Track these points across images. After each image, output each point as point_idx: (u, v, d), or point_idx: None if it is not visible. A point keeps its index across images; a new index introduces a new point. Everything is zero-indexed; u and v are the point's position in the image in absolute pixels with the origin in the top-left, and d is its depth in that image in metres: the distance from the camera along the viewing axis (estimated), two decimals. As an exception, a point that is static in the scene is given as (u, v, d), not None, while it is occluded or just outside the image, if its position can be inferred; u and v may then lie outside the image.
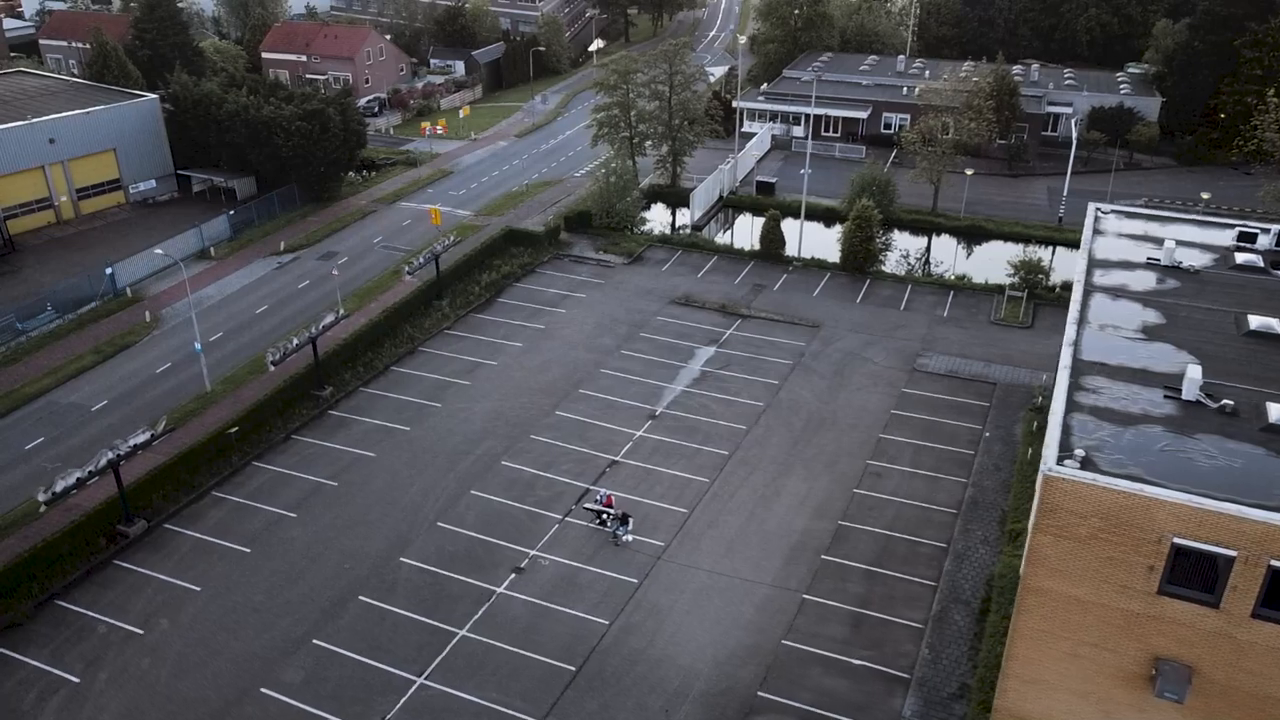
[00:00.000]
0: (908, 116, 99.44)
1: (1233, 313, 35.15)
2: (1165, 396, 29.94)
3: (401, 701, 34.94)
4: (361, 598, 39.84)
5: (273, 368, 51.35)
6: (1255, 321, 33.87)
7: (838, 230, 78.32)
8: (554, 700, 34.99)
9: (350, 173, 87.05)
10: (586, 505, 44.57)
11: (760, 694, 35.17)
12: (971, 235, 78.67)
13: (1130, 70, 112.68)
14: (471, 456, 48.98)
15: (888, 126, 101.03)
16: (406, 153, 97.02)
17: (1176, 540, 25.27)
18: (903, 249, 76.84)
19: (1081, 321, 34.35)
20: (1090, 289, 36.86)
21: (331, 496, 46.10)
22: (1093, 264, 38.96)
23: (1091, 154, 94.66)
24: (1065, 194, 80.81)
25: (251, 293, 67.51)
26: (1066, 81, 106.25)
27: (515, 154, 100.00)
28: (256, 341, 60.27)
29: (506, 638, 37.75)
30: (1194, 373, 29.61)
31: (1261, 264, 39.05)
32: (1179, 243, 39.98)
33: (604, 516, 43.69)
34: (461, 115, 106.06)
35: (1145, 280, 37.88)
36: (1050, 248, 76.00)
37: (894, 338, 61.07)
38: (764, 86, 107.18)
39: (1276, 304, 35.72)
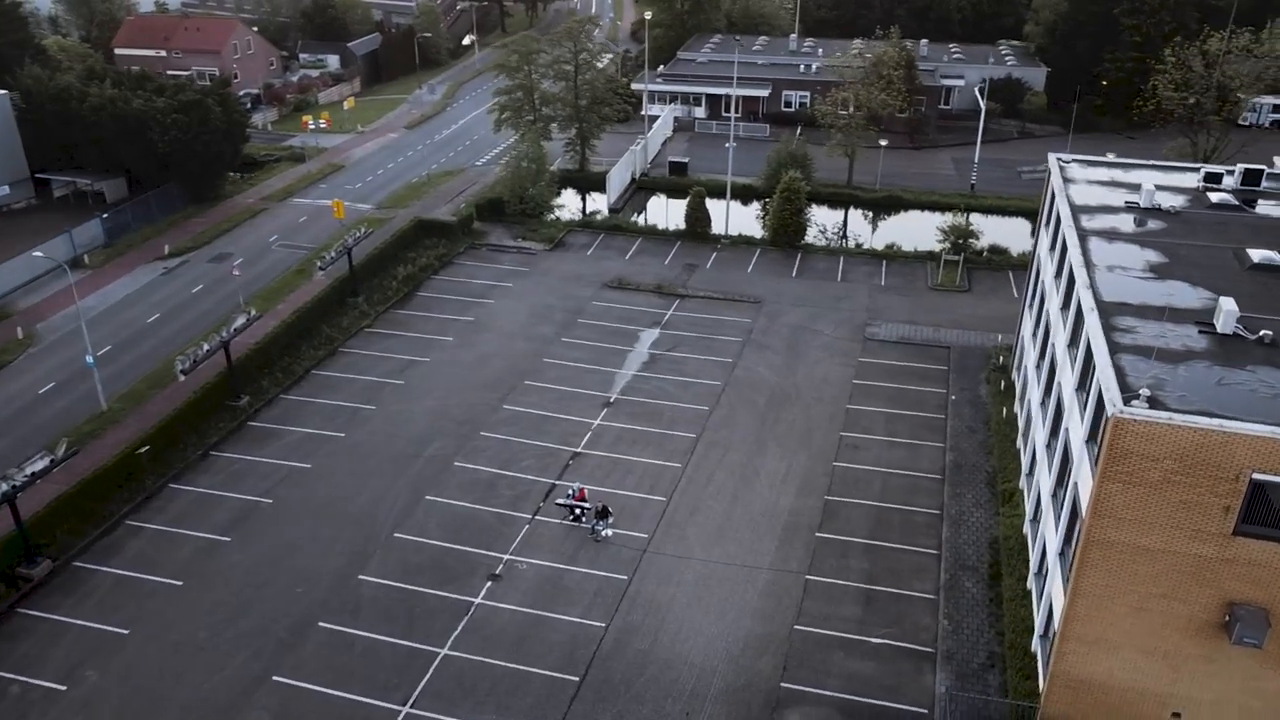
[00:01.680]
0: (808, 94, 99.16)
1: (1229, 248, 34.58)
2: (1200, 332, 28.79)
3: (390, 735, 30.88)
4: (322, 624, 35.28)
5: (183, 377, 45.78)
6: (1257, 255, 33.32)
7: (756, 207, 77.19)
8: (562, 715, 31.48)
9: (230, 171, 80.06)
10: (558, 501, 41.08)
11: (784, 685, 32.56)
12: (890, 206, 78.34)
13: (1012, 44, 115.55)
14: (420, 460, 44.71)
15: (788, 105, 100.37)
16: (290, 148, 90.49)
17: (1256, 476, 23.91)
18: (826, 222, 75.71)
19: (1089, 264, 33.06)
20: (1084, 233, 35.75)
21: (268, 515, 41.11)
22: (1076, 210, 37.95)
23: (988, 124, 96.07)
24: (976, 162, 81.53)
25: (139, 301, 60.80)
26: (955, 56, 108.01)
27: (408, 146, 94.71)
28: (153, 353, 54.05)
29: (496, 652, 33.97)
30: (1229, 305, 28.53)
31: (1235, 202, 38.90)
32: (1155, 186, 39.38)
33: (578, 511, 40.31)
34: (346, 107, 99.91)
35: (1132, 222, 37.06)
36: (966, 214, 76.09)
37: (838, 309, 59.62)
38: (660, 69, 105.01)
39: (1265, 238, 35.37)
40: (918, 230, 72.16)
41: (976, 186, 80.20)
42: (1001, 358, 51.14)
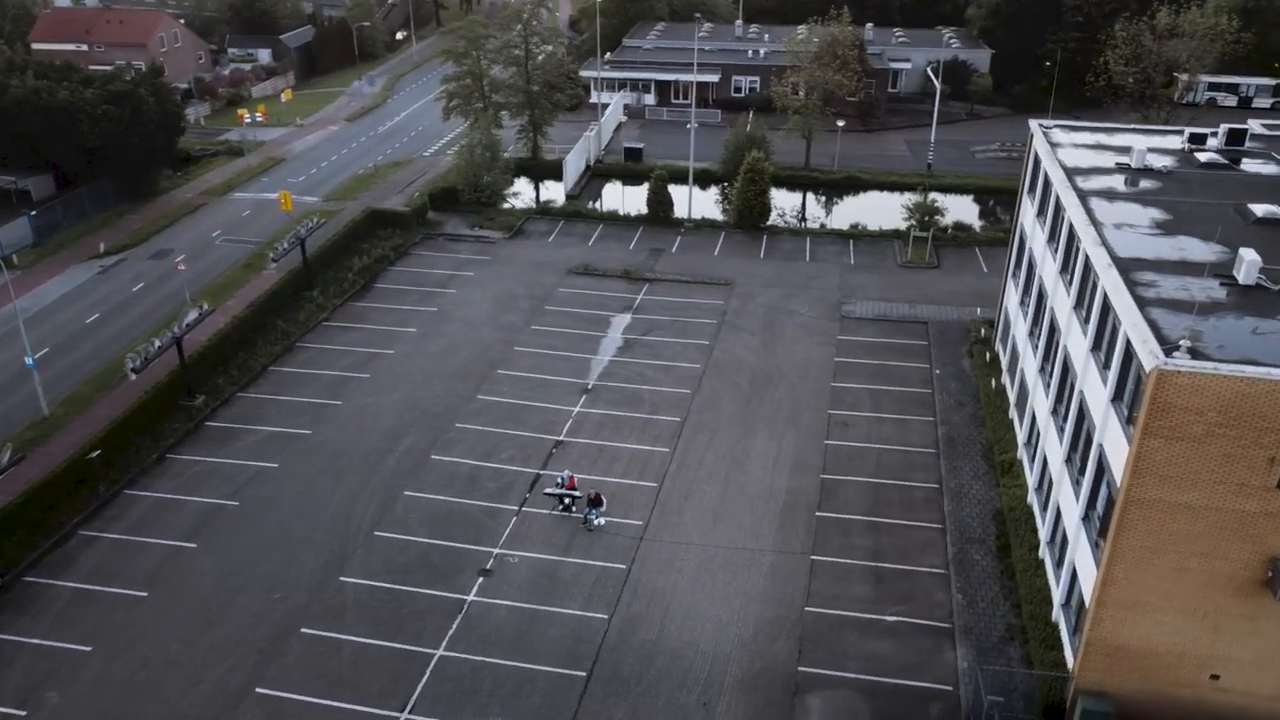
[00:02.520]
0: (757, 79, 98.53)
1: (1229, 204, 34.15)
2: (1221, 284, 28.11)
3: (389, 744, 28.76)
4: (305, 630, 32.90)
5: (134, 375, 42.87)
6: (1260, 210, 32.92)
7: (715, 192, 76.12)
8: (573, 713, 29.67)
9: (166, 166, 76.13)
10: (547, 491, 39.18)
11: (802, 669, 31.18)
12: (849, 187, 77.82)
13: (954, 29, 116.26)
14: (395, 454, 42.42)
15: (738, 90, 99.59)
16: (227, 143, 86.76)
17: (1303, 425, 23.13)
18: (787, 204, 74.88)
19: (1095, 223, 32.28)
20: (1083, 194, 35.02)
21: (236, 518, 38.48)
22: (1070, 172, 37.26)
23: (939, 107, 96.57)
24: (932, 142, 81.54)
25: (75, 301, 57.16)
26: (900, 40, 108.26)
27: (351, 138, 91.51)
28: (95, 354, 50.74)
29: (494, 651, 32.00)
30: (1251, 256, 27.88)
31: (1224, 161, 38.65)
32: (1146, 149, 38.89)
33: (568, 501, 38.48)
34: (284, 99, 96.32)
35: (1127, 183, 36.49)
36: (926, 193, 75.86)
37: (811, 289, 58.63)
38: (607, 56, 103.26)
39: (1261, 195, 35.05)
40: (880, 210, 71.68)
41: (933, 166, 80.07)
42: (983, 330, 50.59)
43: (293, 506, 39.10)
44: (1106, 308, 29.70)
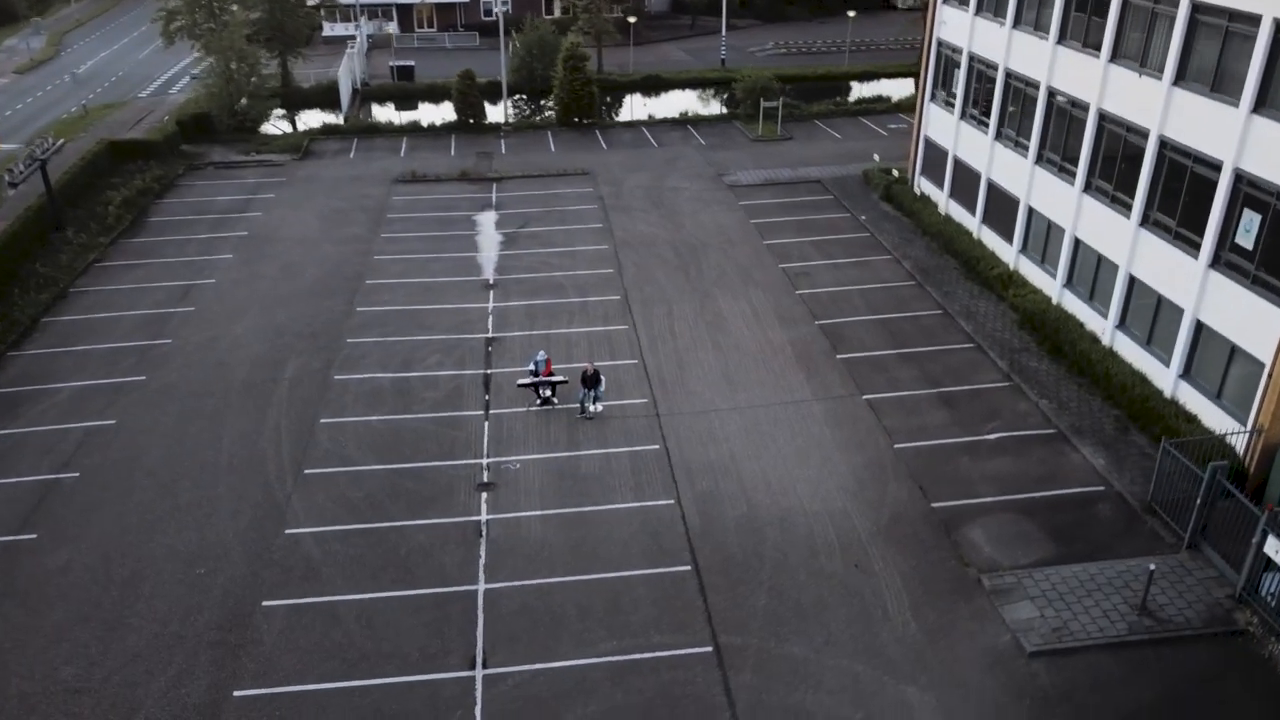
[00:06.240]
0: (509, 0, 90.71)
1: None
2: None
3: (481, 709, 19.52)
4: (268, 603, 22.35)
5: None
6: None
7: (510, 107, 68.24)
8: (705, 614, 21.93)
9: None
10: (520, 383, 30.44)
11: (935, 505, 25.41)
12: (654, 87, 72.62)
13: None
14: (283, 383, 31.53)
15: (489, 13, 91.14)
16: None
17: None
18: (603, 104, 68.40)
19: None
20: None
21: (82, 493, 26.27)
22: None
23: (697, 20, 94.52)
24: (724, 42, 78.60)
25: None
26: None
27: (33, 87, 73.07)
28: None
29: (555, 568, 23.37)
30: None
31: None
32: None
33: (547, 392, 30.05)
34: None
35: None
36: (724, 88, 72.40)
37: (678, 168, 52.77)
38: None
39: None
40: (699, 102, 67.39)
41: (727, 62, 76.97)
42: (895, 172, 47.25)
43: (164, 465, 27.44)
44: (1194, 25, 26.42)
